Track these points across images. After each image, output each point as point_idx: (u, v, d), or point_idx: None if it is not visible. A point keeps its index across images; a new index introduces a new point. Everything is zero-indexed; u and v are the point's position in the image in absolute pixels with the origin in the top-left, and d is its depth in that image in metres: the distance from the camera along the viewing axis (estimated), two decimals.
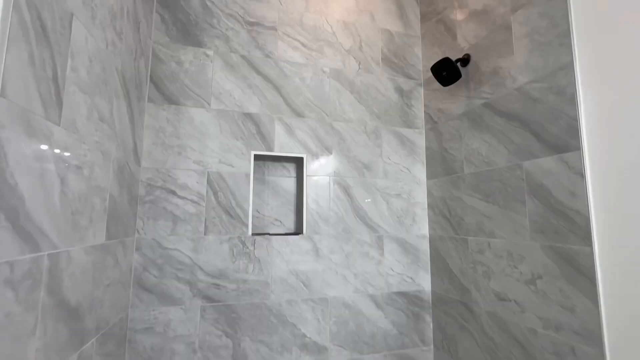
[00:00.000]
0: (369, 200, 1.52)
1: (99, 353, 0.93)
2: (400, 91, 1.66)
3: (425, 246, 1.58)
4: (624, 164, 0.80)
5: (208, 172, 1.32)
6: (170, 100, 1.31)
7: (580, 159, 0.89)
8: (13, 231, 0.55)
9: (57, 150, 0.67)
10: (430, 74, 1.57)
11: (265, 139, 1.42)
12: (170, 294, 1.23)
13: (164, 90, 1.31)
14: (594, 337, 0.84)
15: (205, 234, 1.29)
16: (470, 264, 1.30)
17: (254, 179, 1.42)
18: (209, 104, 1.36)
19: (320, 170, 1.48)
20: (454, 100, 1.44)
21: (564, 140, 0.94)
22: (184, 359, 1.22)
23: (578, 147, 0.90)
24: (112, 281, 1.01)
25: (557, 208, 0.95)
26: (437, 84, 1.54)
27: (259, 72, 1.45)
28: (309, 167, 1.47)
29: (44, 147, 0.63)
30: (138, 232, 1.22)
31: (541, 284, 0.99)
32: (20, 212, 0.57)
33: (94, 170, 0.84)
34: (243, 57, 1.43)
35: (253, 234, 1.36)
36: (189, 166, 1.31)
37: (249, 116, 1.41)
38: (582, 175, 0.89)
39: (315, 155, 1.48)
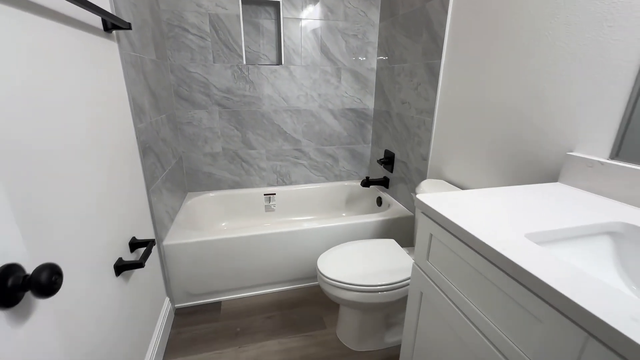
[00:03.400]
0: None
1: (168, 125, 1.71)
2: None
3: (372, 77, 2.19)
4: (476, 5, 1.30)
5: (209, 14, 1.80)
6: None
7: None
8: (127, 41, 1.17)
9: None
10: None
11: None
12: (198, 102, 1.95)
13: None
14: (432, 112, 1.56)
15: (214, 62, 1.89)
16: (393, 84, 1.94)
17: (243, 21, 1.90)
18: None
19: (293, 13, 1.93)
20: None
21: None
22: (213, 141, 2.05)
23: None
24: (163, 87, 1.69)
25: (425, 36, 1.50)
26: None
27: None
28: (285, 10, 1.91)
29: None
30: (169, 59, 1.82)
31: (420, 88, 1.65)
32: (128, 31, 1.16)
33: (140, 6, 1.37)
34: None
35: (247, 64, 1.96)
36: (194, 8, 1.77)
37: None
38: (446, 12, 1.39)
39: (290, 0, 1.89)
